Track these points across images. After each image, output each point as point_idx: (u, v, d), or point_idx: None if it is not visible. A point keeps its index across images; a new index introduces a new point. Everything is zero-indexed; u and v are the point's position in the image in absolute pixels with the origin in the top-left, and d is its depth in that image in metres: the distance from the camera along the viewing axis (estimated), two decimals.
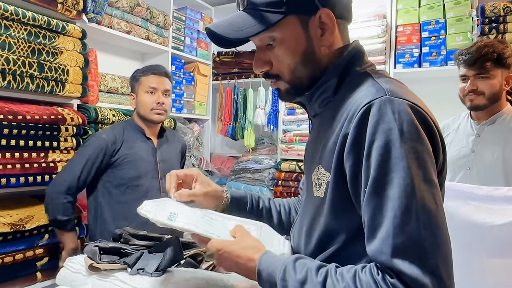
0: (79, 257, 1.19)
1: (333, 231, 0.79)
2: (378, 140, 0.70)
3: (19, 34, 1.95)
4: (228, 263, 0.83)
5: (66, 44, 2.17)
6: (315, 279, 0.71)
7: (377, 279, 0.65)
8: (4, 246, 1.87)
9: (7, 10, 1.87)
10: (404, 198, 0.66)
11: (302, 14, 0.82)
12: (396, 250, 0.65)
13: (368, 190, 0.70)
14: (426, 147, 0.71)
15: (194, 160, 3.33)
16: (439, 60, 2.72)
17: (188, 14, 3.32)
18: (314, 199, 0.83)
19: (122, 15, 2.66)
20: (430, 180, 0.69)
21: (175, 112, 3.19)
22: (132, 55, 3.12)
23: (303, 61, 0.84)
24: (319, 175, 0.82)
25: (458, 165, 1.81)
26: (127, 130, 1.98)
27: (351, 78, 0.84)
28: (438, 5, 2.77)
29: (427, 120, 0.73)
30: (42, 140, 2.02)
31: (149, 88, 1.96)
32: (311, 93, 0.88)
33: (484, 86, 1.71)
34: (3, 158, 1.87)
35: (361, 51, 0.87)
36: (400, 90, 0.76)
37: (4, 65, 1.87)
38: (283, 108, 3.29)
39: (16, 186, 1.94)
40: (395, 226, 0.66)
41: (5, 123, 1.86)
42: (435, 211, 0.68)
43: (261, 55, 0.87)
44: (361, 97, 0.76)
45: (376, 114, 0.71)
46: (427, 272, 0.63)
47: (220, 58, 3.64)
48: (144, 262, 1.10)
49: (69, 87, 2.19)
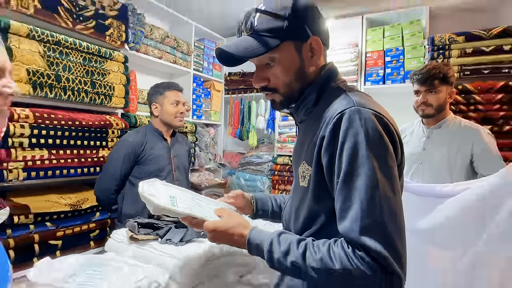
0: (122, 230, 1.21)
1: (315, 213, 0.78)
2: (348, 142, 0.69)
3: (77, 59, 1.96)
4: (222, 240, 0.82)
5: (112, 67, 2.18)
6: (296, 251, 0.71)
7: (347, 252, 0.65)
8: (66, 222, 1.89)
9: (68, 41, 1.89)
10: (369, 188, 0.66)
11: (296, 40, 0.80)
12: (364, 230, 0.64)
13: (340, 181, 0.69)
14: (387, 148, 0.70)
15: (210, 155, 3.31)
16: (399, 79, 2.72)
17: (205, 43, 3.32)
18: (300, 188, 0.82)
19: (155, 45, 2.67)
20: (390, 175, 0.69)
21: (196, 119, 3.19)
22: (163, 75, 3.13)
23: (296, 78, 0.82)
24: (304, 169, 0.81)
25: (413, 160, 1.80)
26: (148, 133, 1.94)
27: (328, 92, 0.83)
28: (398, 36, 2.76)
29: (388, 126, 0.72)
30: (94, 140, 2.03)
31: (174, 101, 1.94)
32: (297, 105, 0.86)
33: (433, 99, 1.71)
34: (64, 154, 1.89)
35: (335, 70, 0.86)
36: (367, 102, 0.75)
37: (65, 83, 1.88)
38: (279, 115, 3.28)
39: (74, 176, 1.96)
40: (362, 210, 0.65)
41: (66, 127, 1.87)
42: (393, 199, 0.68)
43: (260, 73, 0.85)
44: (335, 107, 0.75)
45: (347, 121, 0.70)
46: (387, 246, 0.63)
47: (230, 77, 3.65)
48: (171, 235, 1.11)
49: (115, 100, 2.20)
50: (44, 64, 1.79)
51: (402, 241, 0.66)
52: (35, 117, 1.74)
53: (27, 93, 1.73)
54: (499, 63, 2.26)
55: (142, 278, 0.88)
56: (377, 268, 0.63)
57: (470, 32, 2.34)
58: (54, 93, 1.84)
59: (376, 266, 0.63)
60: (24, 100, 1.77)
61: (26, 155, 1.71)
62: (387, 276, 0.63)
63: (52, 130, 1.81)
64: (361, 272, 0.63)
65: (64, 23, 1.88)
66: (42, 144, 1.78)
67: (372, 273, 0.63)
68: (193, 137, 2.95)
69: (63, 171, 1.89)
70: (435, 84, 1.69)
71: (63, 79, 1.87)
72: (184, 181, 2.03)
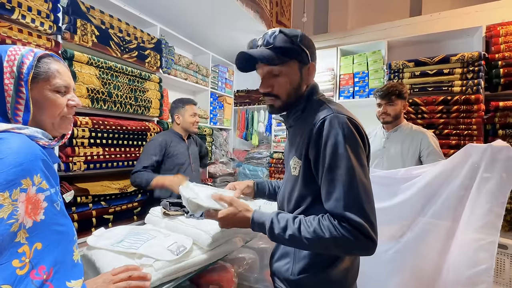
0: (157, 207, 1.21)
1: (304, 196, 0.78)
2: (330, 140, 0.69)
3: (124, 80, 1.96)
4: (231, 224, 0.81)
5: (150, 86, 2.18)
6: (292, 226, 0.70)
7: (334, 224, 0.66)
8: (115, 201, 1.90)
9: (117, 66, 1.89)
10: (348, 175, 0.66)
11: (301, 62, 0.80)
12: (346, 207, 0.65)
13: (325, 171, 0.69)
14: (359, 144, 0.70)
15: (223, 152, 3.31)
16: (364, 95, 2.70)
17: (219, 68, 3.31)
18: (292, 177, 0.82)
19: (182, 69, 2.66)
20: (363, 165, 0.69)
21: (212, 124, 3.18)
22: (188, 92, 3.12)
23: (295, 89, 0.81)
24: (295, 162, 0.81)
25: (375, 155, 1.79)
26: (170, 136, 1.90)
27: (311, 104, 0.82)
28: (364, 63, 2.74)
29: (359, 128, 0.73)
30: (136, 141, 2.03)
31: (192, 113, 1.91)
32: (288, 113, 0.86)
33: (390, 110, 1.69)
34: (114, 151, 1.89)
35: (317, 87, 0.86)
36: (342, 110, 0.75)
37: (115, 98, 1.89)
38: (274, 122, 3.26)
39: (122, 167, 1.96)
40: (344, 192, 0.66)
41: (115, 131, 1.88)
42: (367, 183, 0.68)
43: (266, 81, 0.82)
44: (319, 114, 0.75)
45: (329, 124, 0.71)
46: (364, 218, 0.64)
47: (238, 93, 3.62)
48: None
49: (152, 110, 2.20)
50: (99, 83, 1.79)
51: (374, 215, 0.67)
52: (93, 123, 1.75)
53: (87, 105, 1.74)
54: (440, 83, 2.24)
55: (173, 243, 0.88)
56: (357, 234, 0.64)
57: (418, 59, 2.32)
58: (107, 105, 1.85)
59: (356, 233, 0.64)
60: (85, 111, 1.78)
61: (86, 152, 1.72)
62: (365, 240, 0.64)
63: (105, 133, 1.82)
64: (345, 238, 0.64)
65: (114, 53, 1.89)
66: (98, 143, 1.79)
67: (354, 239, 0.64)
68: (210, 138, 2.96)
69: (113, 163, 1.90)
70: (392, 98, 1.67)
71: (114, 95, 1.88)
72: (198, 171, 2.04)
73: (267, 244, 1.35)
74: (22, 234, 0.53)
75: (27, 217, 0.54)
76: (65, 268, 0.58)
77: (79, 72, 1.68)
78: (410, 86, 2.35)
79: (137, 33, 2.07)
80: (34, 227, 0.55)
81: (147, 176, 1.69)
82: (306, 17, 3.06)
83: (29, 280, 0.52)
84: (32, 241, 0.54)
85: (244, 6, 2.32)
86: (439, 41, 2.54)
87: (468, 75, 2.15)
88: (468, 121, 2.11)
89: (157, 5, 2.26)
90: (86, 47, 1.74)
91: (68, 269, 0.59)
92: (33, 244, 0.54)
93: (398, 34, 2.63)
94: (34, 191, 0.56)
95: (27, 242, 0.53)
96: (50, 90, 0.66)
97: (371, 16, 3.36)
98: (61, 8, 1.60)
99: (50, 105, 0.66)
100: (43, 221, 0.57)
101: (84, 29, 1.71)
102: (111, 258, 0.84)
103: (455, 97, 2.14)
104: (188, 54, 3.02)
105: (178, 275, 0.84)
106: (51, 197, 0.59)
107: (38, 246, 0.55)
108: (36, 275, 0.54)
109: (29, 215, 0.55)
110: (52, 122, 0.68)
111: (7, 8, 1.34)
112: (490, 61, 2.12)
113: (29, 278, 0.53)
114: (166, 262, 0.81)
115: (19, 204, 0.53)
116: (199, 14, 2.41)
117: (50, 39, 1.53)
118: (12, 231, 0.51)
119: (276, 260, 0.87)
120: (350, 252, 0.68)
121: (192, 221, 1.04)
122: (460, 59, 2.16)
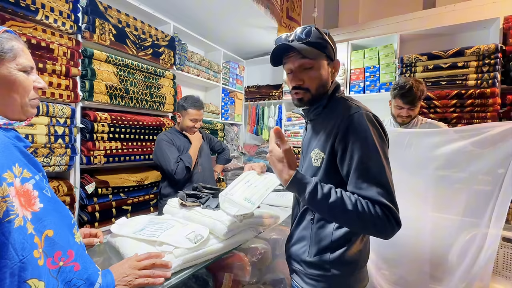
0: (175, 199, 1.23)
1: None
2: (360, 135, 0.73)
3: (139, 77, 2.00)
4: (273, 163, 0.76)
5: (164, 83, 2.21)
6: (335, 195, 0.70)
7: (369, 204, 0.69)
8: (133, 193, 1.95)
9: (133, 64, 1.93)
10: (379, 167, 0.71)
11: (329, 59, 0.83)
12: (379, 193, 0.69)
13: (356, 163, 0.72)
14: (383, 138, 0.75)
15: (234, 146, 3.34)
16: (375, 89, 2.65)
17: (230, 64, 3.32)
18: (313, 167, 0.83)
19: (194, 66, 2.68)
20: (387, 157, 0.74)
21: (224, 120, 3.20)
22: (200, 88, 3.15)
23: (323, 85, 0.83)
24: (316, 153, 0.82)
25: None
26: (172, 133, 1.83)
27: (333, 100, 0.85)
28: (375, 57, 2.68)
29: (380, 123, 0.77)
30: (152, 135, 2.07)
31: (193, 118, 1.79)
32: (309, 108, 0.87)
33: (412, 113, 1.65)
34: (132, 145, 1.94)
35: (339, 85, 0.88)
36: (365, 107, 0.79)
37: (132, 94, 1.93)
38: (284, 117, 3.26)
39: (139, 160, 2.01)
40: (377, 181, 0.70)
41: (133, 126, 1.92)
42: (390, 174, 0.73)
43: (298, 74, 0.82)
44: (346, 111, 0.77)
45: (357, 121, 0.74)
46: (393, 204, 0.70)
47: (249, 89, 3.61)
48: (210, 202, 1.12)
49: (166, 106, 2.23)
50: (117, 80, 1.84)
51: (396, 198, 0.72)
52: (112, 119, 1.80)
53: (106, 102, 1.78)
54: (453, 76, 2.17)
55: (190, 232, 0.90)
56: (391, 218, 0.68)
57: (432, 52, 2.25)
58: (124, 101, 1.89)
59: (390, 217, 0.68)
60: (104, 107, 1.83)
61: (105, 146, 1.77)
62: (395, 223, 0.69)
63: (123, 128, 1.86)
64: (380, 218, 0.68)
65: (130, 51, 1.93)
66: (116, 138, 1.84)
67: (388, 221, 0.68)
68: (222, 133, 2.98)
69: (131, 157, 1.95)
70: (416, 103, 1.62)
71: (130, 92, 1.92)
72: (206, 163, 1.91)
73: (279, 235, 1.37)
74: (30, 226, 0.50)
75: (24, 210, 0.51)
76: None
77: (98, 70, 1.73)
78: (423, 80, 2.28)
79: (152, 31, 2.10)
80: (35, 217, 0.52)
81: (185, 158, 1.69)
82: (317, 12, 3.00)
83: (47, 270, 0.51)
84: (40, 230, 0.52)
85: (255, 2, 2.30)
86: (454, 34, 2.45)
87: (483, 68, 2.07)
88: (483, 115, 2.04)
89: (170, 3, 2.28)
90: (104, 46, 1.78)
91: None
92: (41, 233, 0.52)
93: (410, 28, 2.56)
94: (19, 182, 0.51)
95: (35, 233, 0.51)
96: (18, 70, 0.59)
97: (383, 9, 3.27)
98: (81, 8, 1.65)
99: (19, 86, 0.60)
100: (42, 209, 0.54)
101: (102, 28, 1.74)
102: (134, 245, 0.87)
103: (470, 91, 2.07)
104: (200, 50, 3.04)
105: (196, 262, 0.87)
106: (38, 184, 0.55)
107: (49, 234, 0.53)
108: (52, 263, 0.52)
109: (25, 207, 0.51)
110: (21, 104, 0.61)
111: (32, 9, 1.39)
112: (508, 53, 2.04)
113: (46, 268, 0.51)
114: (185, 250, 0.84)
115: (12, 199, 0.48)
116: (210, 11, 2.42)
117: (71, 38, 1.58)
118: (18, 226, 0.48)
119: (292, 244, 0.90)
120: (379, 232, 0.70)
121: (208, 211, 1.06)
122: (476, 52, 2.08)
